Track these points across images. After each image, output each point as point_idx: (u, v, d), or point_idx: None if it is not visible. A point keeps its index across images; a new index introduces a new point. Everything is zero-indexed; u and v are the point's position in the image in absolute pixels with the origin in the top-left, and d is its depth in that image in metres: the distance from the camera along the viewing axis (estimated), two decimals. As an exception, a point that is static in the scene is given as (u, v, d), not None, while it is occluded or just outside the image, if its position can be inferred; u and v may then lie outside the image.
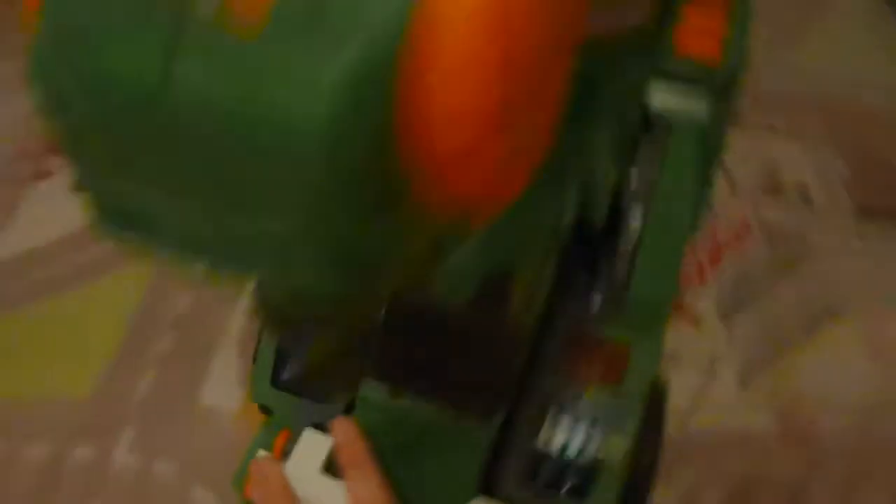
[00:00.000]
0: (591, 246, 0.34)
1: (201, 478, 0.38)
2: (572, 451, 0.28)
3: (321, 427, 0.30)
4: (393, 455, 0.29)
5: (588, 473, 0.27)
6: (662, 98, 0.38)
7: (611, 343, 0.29)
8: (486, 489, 0.28)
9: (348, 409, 0.31)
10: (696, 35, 0.38)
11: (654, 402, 0.32)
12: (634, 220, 0.34)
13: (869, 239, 0.47)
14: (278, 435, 0.31)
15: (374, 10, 0.08)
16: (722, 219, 0.49)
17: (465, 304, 0.28)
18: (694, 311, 0.44)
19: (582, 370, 0.29)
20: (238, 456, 0.31)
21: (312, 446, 0.29)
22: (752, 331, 0.43)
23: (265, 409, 0.33)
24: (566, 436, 0.28)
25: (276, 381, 0.29)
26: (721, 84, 0.38)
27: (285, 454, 0.30)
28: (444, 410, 0.29)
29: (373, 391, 0.30)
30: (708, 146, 0.39)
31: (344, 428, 0.28)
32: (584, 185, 0.36)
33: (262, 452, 0.31)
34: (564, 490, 0.27)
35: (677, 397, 0.41)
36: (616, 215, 0.35)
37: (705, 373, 0.42)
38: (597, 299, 0.31)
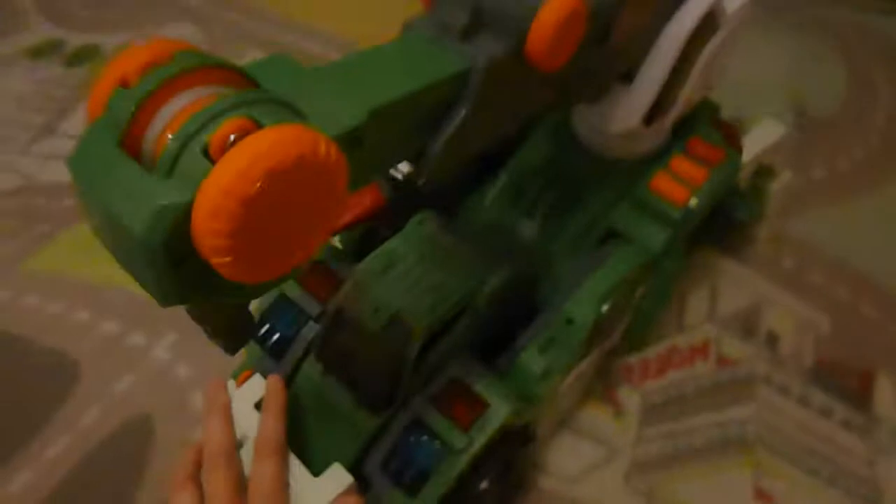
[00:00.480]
0: (508, 317, 0.42)
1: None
2: (418, 459, 0.37)
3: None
4: (304, 415, 0.40)
5: (422, 479, 0.37)
6: (626, 220, 0.46)
7: (476, 398, 0.38)
8: (357, 465, 0.39)
9: (293, 375, 0.42)
10: (672, 179, 0.45)
11: (510, 444, 0.40)
12: (547, 312, 0.42)
13: (810, 401, 0.51)
14: (242, 373, 0.43)
15: (182, 184, 0.19)
16: (687, 334, 0.54)
17: (381, 332, 0.38)
18: (621, 403, 0.51)
19: (448, 406, 0.38)
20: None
21: (255, 388, 0.40)
22: (658, 438, 0.49)
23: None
24: (418, 447, 0.37)
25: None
26: (681, 222, 0.45)
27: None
28: (350, 395, 0.39)
29: (311, 367, 0.41)
30: (658, 269, 0.46)
31: (274, 381, 0.39)
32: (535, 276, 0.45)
33: (231, 382, 0.43)
34: (402, 484, 0.37)
35: (570, 465, 0.48)
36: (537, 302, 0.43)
37: (603, 457, 0.48)
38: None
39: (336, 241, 0.49)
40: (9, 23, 0.89)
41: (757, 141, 0.52)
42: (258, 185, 0.18)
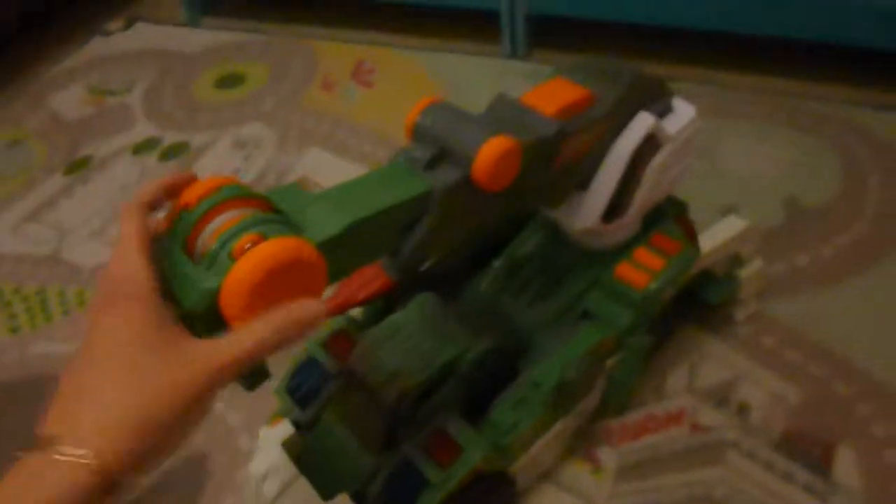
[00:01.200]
0: (491, 381, 0.51)
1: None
2: (405, 492, 0.46)
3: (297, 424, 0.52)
4: (321, 453, 0.50)
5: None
6: (596, 301, 0.54)
7: (455, 444, 0.46)
8: (359, 495, 0.48)
9: (315, 421, 0.52)
10: (635, 267, 0.53)
11: (485, 485, 0.48)
12: (523, 373, 0.51)
13: (774, 466, 0.56)
14: (274, 418, 0.53)
15: (216, 275, 0.30)
16: (665, 403, 0.61)
17: (380, 388, 0.48)
18: (600, 461, 0.58)
19: (432, 449, 0.47)
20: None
21: (282, 430, 0.51)
22: (631, 494, 0.55)
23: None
24: (406, 482, 0.46)
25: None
26: (641, 303, 0.52)
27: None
28: (357, 439, 0.49)
29: (328, 415, 0.51)
30: (626, 344, 0.53)
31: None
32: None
33: (265, 426, 0.53)
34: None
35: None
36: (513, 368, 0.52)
37: (577, 506, 0.55)
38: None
39: (357, 315, 0.60)
40: (120, 124, 1.08)
41: (719, 233, 0.60)
42: (260, 278, 0.29)
